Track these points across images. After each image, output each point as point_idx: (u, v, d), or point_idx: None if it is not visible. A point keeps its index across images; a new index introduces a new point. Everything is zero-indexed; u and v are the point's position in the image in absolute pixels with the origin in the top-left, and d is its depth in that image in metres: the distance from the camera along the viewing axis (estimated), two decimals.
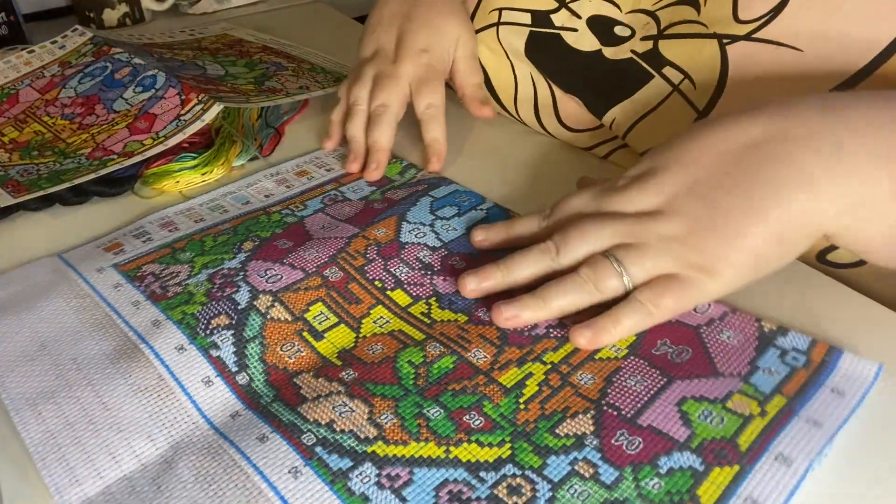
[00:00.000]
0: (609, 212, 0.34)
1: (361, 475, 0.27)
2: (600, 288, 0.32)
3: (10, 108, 0.57)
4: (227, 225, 0.42)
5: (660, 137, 0.42)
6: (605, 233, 0.33)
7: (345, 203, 0.44)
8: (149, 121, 0.51)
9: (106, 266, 0.39)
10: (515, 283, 0.35)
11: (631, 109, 0.43)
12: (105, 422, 0.30)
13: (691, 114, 0.40)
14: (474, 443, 0.28)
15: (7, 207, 0.44)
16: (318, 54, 0.68)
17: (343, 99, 0.51)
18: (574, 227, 0.34)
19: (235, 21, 0.81)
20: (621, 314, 0.32)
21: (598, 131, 0.48)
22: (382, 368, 0.32)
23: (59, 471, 0.28)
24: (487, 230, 0.38)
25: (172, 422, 0.30)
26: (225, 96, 0.51)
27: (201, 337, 0.34)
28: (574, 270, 0.33)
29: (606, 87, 0.44)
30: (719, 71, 0.39)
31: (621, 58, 0.43)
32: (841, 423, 0.28)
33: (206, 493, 0.27)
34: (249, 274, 0.37)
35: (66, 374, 0.32)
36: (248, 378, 0.32)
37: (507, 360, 0.32)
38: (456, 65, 0.51)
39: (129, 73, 0.56)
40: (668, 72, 0.41)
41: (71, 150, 0.50)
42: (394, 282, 0.37)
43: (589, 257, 0.33)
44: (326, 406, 0.30)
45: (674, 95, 0.41)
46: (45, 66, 0.61)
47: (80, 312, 0.36)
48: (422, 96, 0.48)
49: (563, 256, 0.34)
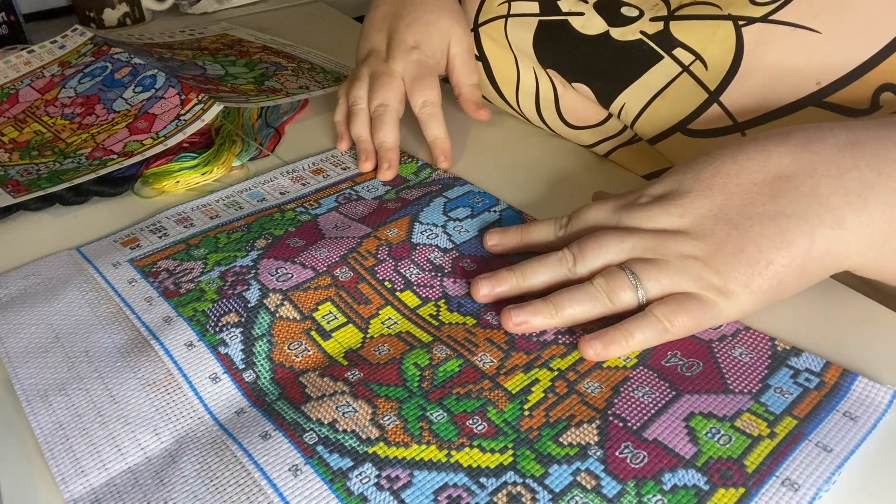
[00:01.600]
0: (629, 227, 0.33)
1: (361, 475, 0.27)
2: (613, 300, 0.32)
3: (9, 107, 0.57)
4: (241, 222, 0.43)
5: (668, 122, 0.41)
6: (624, 246, 0.32)
7: (359, 202, 0.44)
8: (149, 121, 0.51)
9: (122, 261, 0.40)
10: (529, 290, 0.35)
11: (639, 93, 0.43)
12: (113, 414, 0.30)
13: (701, 94, 0.40)
14: (476, 448, 0.28)
15: (7, 207, 0.44)
16: (318, 54, 0.68)
17: (342, 99, 0.51)
18: (592, 238, 0.33)
19: (235, 21, 0.81)
20: (634, 327, 0.31)
21: (599, 128, 0.48)
22: (388, 370, 0.32)
23: (66, 462, 0.28)
24: (501, 235, 0.38)
25: (178, 416, 0.30)
26: (225, 96, 0.52)
27: (210, 334, 0.34)
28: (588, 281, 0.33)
29: (615, 71, 0.43)
30: (734, 53, 0.38)
31: (629, 39, 0.43)
32: (852, 449, 0.27)
33: (207, 488, 0.27)
34: (261, 272, 0.38)
35: (77, 367, 0.33)
36: (254, 375, 0.32)
37: (513, 365, 0.32)
38: (452, 62, 0.51)
39: (128, 72, 0.56)
40: (679, 53, 0.40)
41: (71, 150, 0.50)
42: (403, 283, 0.37)
43: (604, 268, 0.33)
44: (330, 405, 0.30)
45: (683, 77, 0.40)
46: (45, 65, 0.61)
47: (94, 306, 0.36)
48: (416, 94, 0.48)
49: (579, 266, 0.33)
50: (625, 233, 0.33)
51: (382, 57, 0.50)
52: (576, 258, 0.33)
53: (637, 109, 0.43)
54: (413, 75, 0.49)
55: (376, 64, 0.50)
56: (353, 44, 0.55)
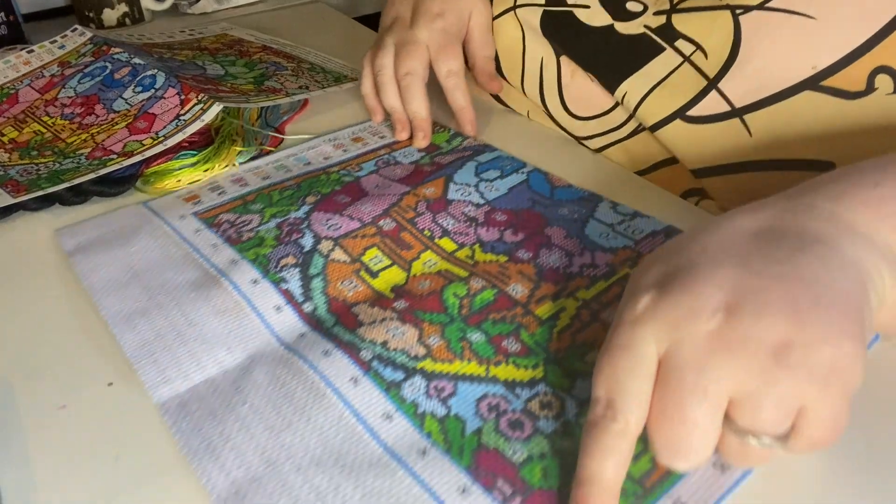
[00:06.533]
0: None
1: (412, 385, 0.31)
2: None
3: (9, 107, 0.57)
4: (291, 182, 0.47)
5: (668, 109, 0.43)
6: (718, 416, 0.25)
7: (397, 166, 0.48)
8: (148, 121, 0.51)
9: (187, 214, 0.44)
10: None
11: (642, 82, 0.44)
12: (191, 335, 0.34)
13: (700, 82, 0.41)
14: (511, 364, 0.32)
15: (7, 207, 0.44)
16: (318, 54, 0.68)
17: (367, 69, 0.53)
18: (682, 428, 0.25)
19: (235, 21, 0.81)
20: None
21: (597, 121, 0.49)
22: (430, 299, 0.36)
23: (152, 372, 0.32)
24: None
25: (248, 338, 0.34)
26: (225, 96, 0.52)
27: (272, 273, 0.38)
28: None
29: (618, 61, 0.45)
30: (732, 40, 0.39)
31: (633, 33, 0.44)
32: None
33: (278, 393, 0.31)
34: (313, 223, 0.42)
35: (155, 297, 0.37)
36: (312, 306, 0.36)
37: (542, 294, 0.35)
38: (470, 34, 0.53)
39: (128, 72, 0.56)
40: (680, 44, 0.42)
41: (71, 150, 0.50)
42: (441, 231, 0.41)
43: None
44: (381, 329, 0.34)
45: (684, 66, 0.42)
46: (45, 65, 0.61)
47: (165, 249, 0.41)
48: (441, 63, 0.50)
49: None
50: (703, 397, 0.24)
51: (407, 24, 0.52)
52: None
53: (638, 98, 0.44)
54: (438, 44, 0.50)
55: (401, 32, 0.51)
56: (354, 44, 0.55)
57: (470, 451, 0.28)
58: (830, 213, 0.28)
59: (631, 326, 0.26)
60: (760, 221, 0.28)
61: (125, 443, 0.30)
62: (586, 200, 0.43)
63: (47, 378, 0.33)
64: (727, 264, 0.26)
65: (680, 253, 0.28)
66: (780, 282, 0.25)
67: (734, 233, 0.28)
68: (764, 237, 0.27)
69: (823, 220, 0.27)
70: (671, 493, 0.26)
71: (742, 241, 0.27)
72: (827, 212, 0.28)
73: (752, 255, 0.26)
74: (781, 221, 0.28)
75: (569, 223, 0.41)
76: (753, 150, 0.41)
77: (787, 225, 0.27)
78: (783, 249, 0.26)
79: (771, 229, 0.27)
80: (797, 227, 0.27)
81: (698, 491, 0.26)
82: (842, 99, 0.37)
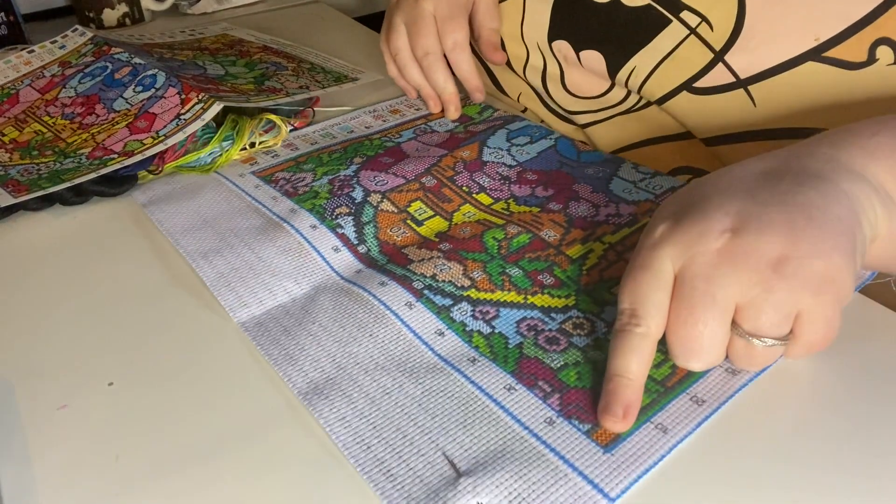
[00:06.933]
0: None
1: (460, 310, 0.36)
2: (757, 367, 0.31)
3: (10, 107, 0.57)
4: (337, 147, 0.51)
5: (675, 82, 0.45)
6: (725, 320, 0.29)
7: (433, 133, 0.53)
8: (149, 120, 0.51)
9: (245, 173, 0.48)
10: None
11: (649, 57, 0.45)
12: (261, 269, 0.39)
13: (707, 55, 0.42)
14: (546, 294, 0.36)
15: (7, 207, 0.44)
16: (318, 54, 0.68)
17: (386, 52, 0.55)
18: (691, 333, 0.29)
19: (235, 21, 0.80)
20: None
21: (599, 99, 0.50)
22: (472, 242, 0.40)
23: (230, 298, 0.37)
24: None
25: (311, 273, 0.39)
26: (225, 96, 0.52)
27: (329, 220, 0.42)
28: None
29: (625, 37, 0.46)
30: (737, 12, 0.41)
31: (638, 5, 0.45)
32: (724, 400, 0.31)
33: (343, 314, 0.35)
34: (361, 179, 0.46)
35: (226, 238, 0.41)
36: (366, 248, 0.41)
37: (573, 238, 0.40)
38: (476, 5, 0.53)
39: (129, 72, 0.56)
40: (686, 16, 0.43)
41: (71, 150, 0.50)
42: (478, 188, 0.45)
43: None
44: (429, 265, 0.38)
45: (690, 39, 0.43)
46: (45, 65, 0.61)
47: (229, 202, 0.45)
48: (447, 34, 0.52)
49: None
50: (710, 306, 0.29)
51: None
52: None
53: (646, 73, 0.45)
54: (444, 15, 0.51)
55: (408, 7, 0.52)
56: (354, 44, 0.55)
57: (514, 360, 0.33)
58: (830, 157, 0.32)
59: (650, 249, 0.30)
60: (767, 163, 0.32)
61: (125, 443, 0.30)
62: (610, 162, 0.47)
63: (47, 378, 0.33)
64: (735, 197, 0.30)
65: (693, 192, 0.32)
66: (780, 207, 0.29)
67: (743, 172, 0.32)
68: (769, 175, 0.31)
69: (823, 161, 0.32)
70: (689, 390, 0.31)
71: (749, 178, 0.31)
72: (827, 155, 0.32)
73: (757, 188, 0.30)
74: (786, 163, 0.32)
75: (595, 181, 0.45)
76: (759, 120, 0.44)
77: (790, 165, 0.32)
78: (785, 183, 0.30)
79: (776, 169, 0.31)
80: (799, 167, 0.31)
81: (712, 389, 0.31)
82: (843, 70, 0.39)
